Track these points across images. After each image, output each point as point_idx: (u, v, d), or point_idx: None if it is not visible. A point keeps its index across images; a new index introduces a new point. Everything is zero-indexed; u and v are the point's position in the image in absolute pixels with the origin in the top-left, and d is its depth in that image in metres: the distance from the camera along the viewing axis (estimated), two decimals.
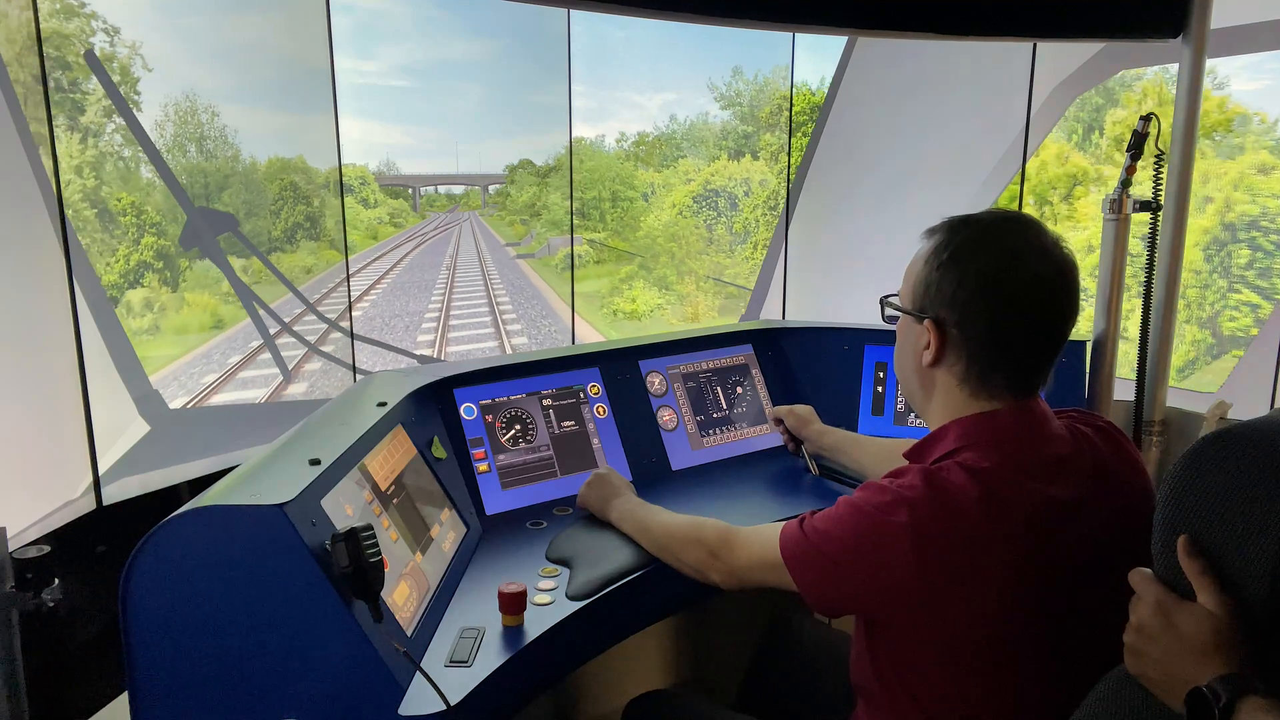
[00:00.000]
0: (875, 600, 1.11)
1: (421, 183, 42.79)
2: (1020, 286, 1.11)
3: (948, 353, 1.16)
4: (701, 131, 23.48)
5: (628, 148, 25.18)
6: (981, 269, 1.12)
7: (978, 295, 1.12)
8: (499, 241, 32.69)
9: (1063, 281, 1.12)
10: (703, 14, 1.78)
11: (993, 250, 1.13)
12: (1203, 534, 0.84)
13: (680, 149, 23.64)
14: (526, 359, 1.90)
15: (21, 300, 2.29)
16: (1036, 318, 1.12)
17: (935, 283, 1.15)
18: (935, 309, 1.15)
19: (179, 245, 10.42)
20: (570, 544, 1.54)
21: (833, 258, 6.92)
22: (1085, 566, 1.08)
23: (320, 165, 11.05)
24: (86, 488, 2.33)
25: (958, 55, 6.05)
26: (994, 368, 1.14)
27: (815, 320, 2.28)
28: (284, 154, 12.11)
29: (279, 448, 1.33)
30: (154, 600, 1.10)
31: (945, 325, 1.15)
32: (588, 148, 24.42)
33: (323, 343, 10.45)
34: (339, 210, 12.13)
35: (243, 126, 11.14)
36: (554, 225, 26.31)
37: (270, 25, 8.23)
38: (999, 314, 1.12)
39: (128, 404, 5.55)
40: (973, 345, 1.14)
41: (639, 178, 23.45)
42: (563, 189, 25.38)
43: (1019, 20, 1.95)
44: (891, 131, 6.65)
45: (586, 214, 22.58)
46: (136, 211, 11.00)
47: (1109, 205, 1.88)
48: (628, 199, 22.95)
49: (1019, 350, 1.13)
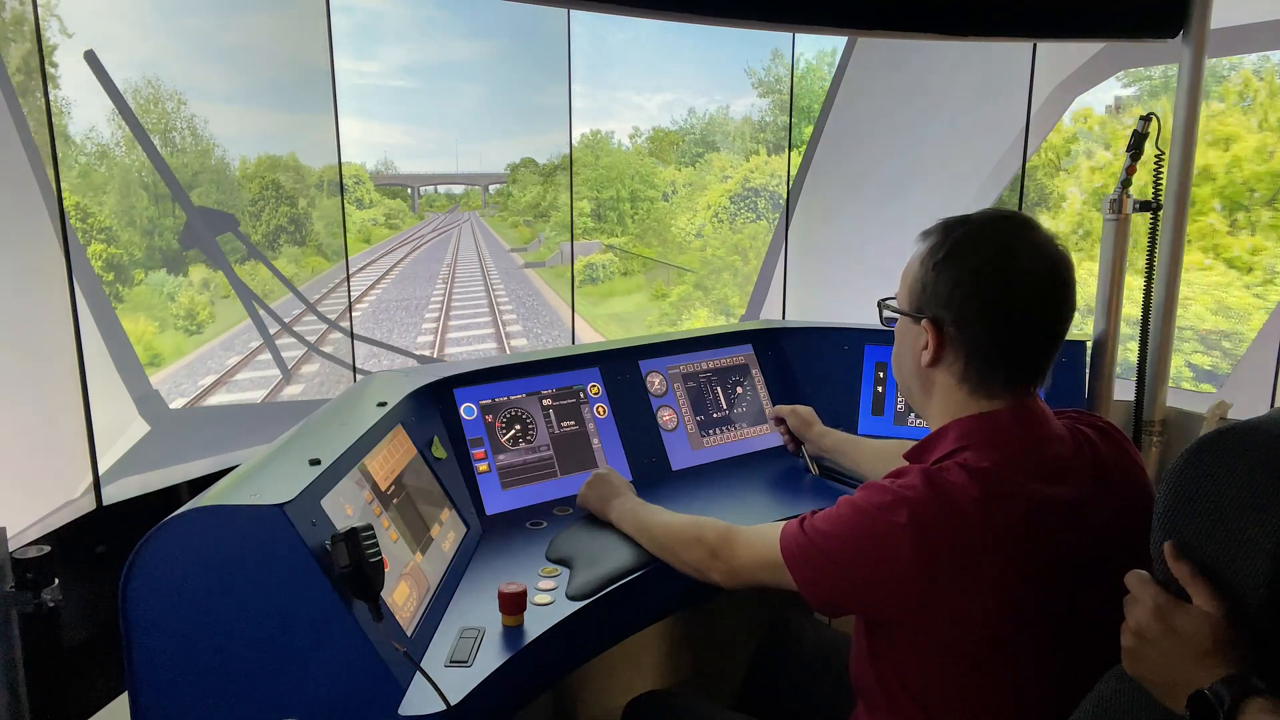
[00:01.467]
0: (876, 600, 1.11)
1: (420, 182, 41.02)
2: (1015, 283, 1.12)
3: (946, 352, 1.16)
4: (723, 125, 21.87)
5: (642, 143, 23.04)
6: (976, 267, 1.13)
7: (974, 294, 1.12)
8: (502, 246, 29.90)
9: (1058, 277, 1.13)
10: (703, 14, 1.78)
11: (987, 248, 1.13)
12: (1202, 534, 0.84)
13: (704, 144, 21.62)
14: (526, 359, 1.90)
15: (21, 300, 2.29)
16: (1034, 315, 1.13)
17: (931, 283, 1.16)
18: (932, 309, 1.16)
19: (180, 245, 10.23)
20: (570, 544, 1.54)
21: (833, 258, 6.91)
22: (1085, 566, 1.08)
23: (314, 163, 10.27)
24: (86, 488, 2.33)
25: (958, 55, 6.04)
26: (993, 366, 1.14)
27: (815, 320, 2.28)
28: (276, 151, 11.28)
29: (279, 448, 1.33)
30: (154, 600, 1.10)
31: (943, 325, 1.15)
32: (603, 141, 22.44)
33: (318, 350, 10.32)
34: (330, 211, 11.36)
35: (243, 126, 10.44)
36: (565, 228, 23.83)
37: (270, 26, 8.16)
38: (995, 312, 1.12)
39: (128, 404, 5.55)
40: (970, 344, 1.14)
41: (659, 176, 21.46)
42: (575, 187, 22.21)
43: (1019, 20, 1.95)
44: (891, 131, 6.64)
45: (603, 216, 20.83)
46: (82, 214, 9.48)
47: (1109, 205, 1.88)
48: (648, 199, 21.10)
49: (1017, 347, 1.14)
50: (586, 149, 22.63)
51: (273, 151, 11.36)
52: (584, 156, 22.13)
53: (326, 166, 9.75)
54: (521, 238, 28.58)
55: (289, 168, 11.06)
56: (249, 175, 11.17)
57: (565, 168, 22.72)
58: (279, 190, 11.75)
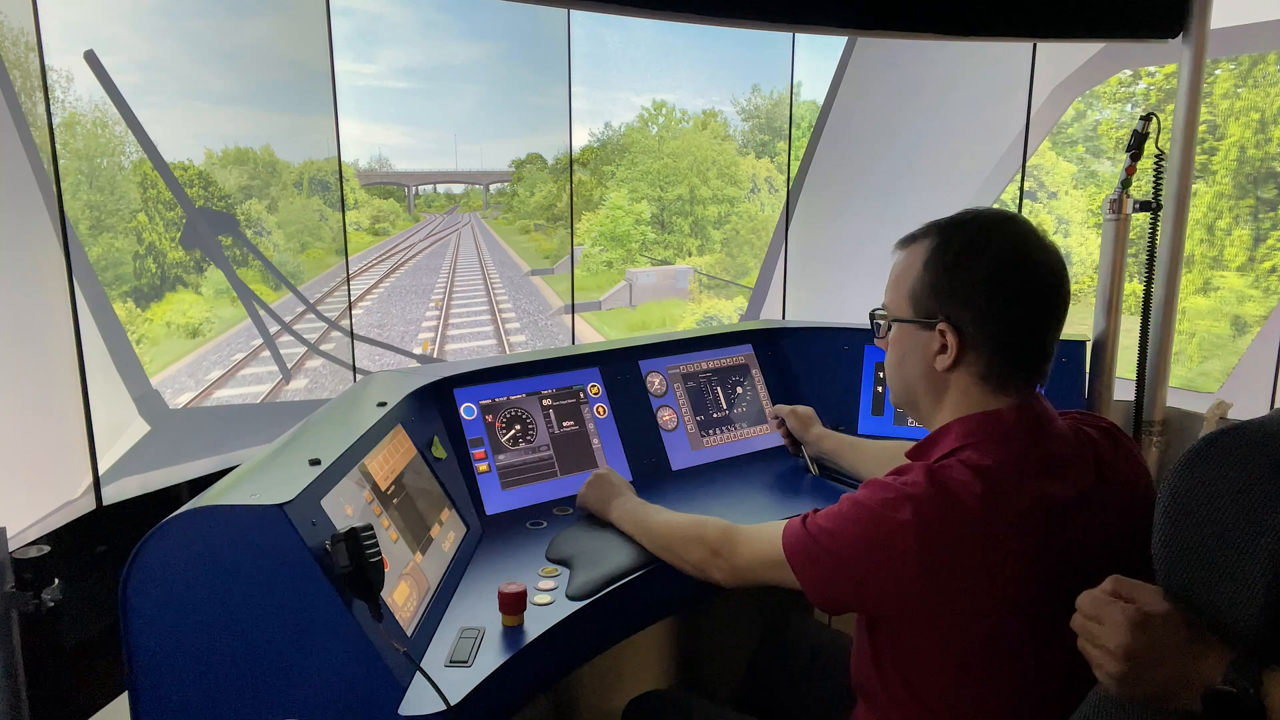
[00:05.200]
0: (878, 597, 1.11)
1: (416, 180, 36.50)
2: (1032, 278, 1.14)
3: (966, 352, 1.16)
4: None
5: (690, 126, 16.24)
6: (997, 264, 1.14)
7: (996, 290, 1.13)
8: (517, 263, 21.22)
9: (1063, 271, 1.16)
10: (703, 14, 1.78)
11: (999, 245, 1.14)
12: (1203, 533, 0.84)
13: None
14: (526, 359, 1.90)
15: (21, 300, 2.28)
16: (1047, 309, 1.15)
17: (944, 284, 1.16)
18: (949, 310, 1.16)
19: (180, 245, 10.00)
20: (570, 544, 1.54)
21: (833, 258, 6.91)
22: (1088, 564, 1.08)
23: (293, 158, 8.54)
24: (86, 488, 2.33)
25: (958, 55, 6.04)
26: (1015, 360, 1.15)
27: (815, 320, 2.28)
28: (247, 144, 8.79)
29: (279, 448, 1.33)
30: (154, 600, 1.10)
31: (962, 325, 1.15)
32: (669, 115, 15.69)
33: (299, 369, 10.00)
34: (298, 215, 9.47)
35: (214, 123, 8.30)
36: (617, 243, 14.98)
37: (270, 27, 8.04)
38: (1016, 306, 1.14)
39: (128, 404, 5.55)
40: (993, 341, 1.15)
41: (740, 168, 15.37)
42: (634, 181, 15.79)
43: (1019, 20, 1.95)
44: (891, 131, 6.65)
45: (668, 225, 15.16)
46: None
47: (1109, 205, 1.88)
48: (728, 200, 15.02)
49: (1035, 340, 1.15)
50: (640, 130, 16.45)
51: (246, 145, 8.96)
52: (641, 140, 16.75)
53: (306, 162, 8.63)
54: (540, 250, 21.15)
55: (262, 163, 8.79)
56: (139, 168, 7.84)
57: (625, 150, 17.38)
58: (209, 190, 8.72)
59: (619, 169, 17.43)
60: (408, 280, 19.15)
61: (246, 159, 8.84)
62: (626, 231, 16.22)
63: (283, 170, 9.12)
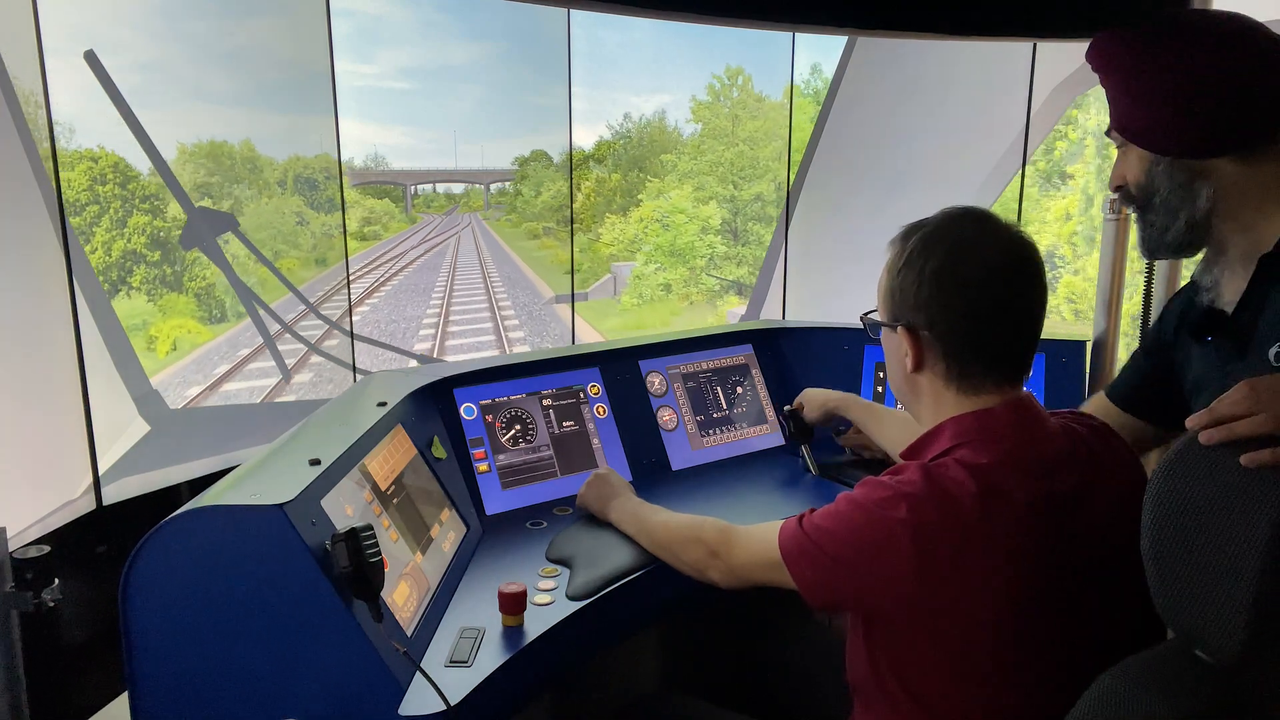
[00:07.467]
0: (874, 597, 1.11)
1: (412, 179, 34.53)
2: (974, 276, 1.13)
3: (926, 355, 1.17)
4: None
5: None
6: (935, 267, 1.14)
7: (937, 293, 1.14)
8: (532, 281, 17.07)
9: (1018, 265, 1.14)
10: (703, 14, 1.78)
11: (942, 247, 1.14)
12: (1190, 530, 0.85)
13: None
14: (526, 359, 1.90)
15: (21, 300, 2.29)
16: (999, 306, 1.14)
17: (899, 289, 1.17)
18: (905, 315, 1.17)
19: (180, 245, 9.93)
20: (570, 544, 1.54)
21: (833, 258, 6.91)
22: (1083, 562, 1.08)
23: (277, 155, 7.63)
24: (86, 488, 2.33)
25: (958, 55, 6.04)
26: (971, 361, 1.15)
27: (815, 320, 2.28)
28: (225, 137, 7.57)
29: (279, 448, 1.33)
30: (154, 600, 1.10)
31: (917, 329, 1.16)
32: (747, 87, 12.12)
33: (300, 367, 9.88)
34: (274, 219, 8.67)
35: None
36: (679, 258, 11.31)
37: (270, 28, 7.95)
38: (960, 307, 1.13)
39: (128, 404, 5.54)
40: (946, 343, 1.15)
41: None
42: (700, 175, 11.99)
43: (1019, 20, 1.95)
44: (891, 131, 6.65)
45: (743, 233, 11.49)
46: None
47: (1109, 205, 1.88)
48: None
49: (989, 339, 1.15)
50: (710, 106, 12.62)
51: (218, 137, 7.82)
52: (713, 119, 12.81)
53: (292, 158, 7.88)
54: (556, 261, 16.80)
55: (242, 159, 7.81)
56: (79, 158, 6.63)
57: (646, 147, 14.28)
58: (127, 188, 7.39)
59: (681, 160, 13.70)
60: (402, 287, 17.13)
61: (219, 153, 7.75)
62: (690, 243, 12.59)
63: (265, 167, 8.13)
